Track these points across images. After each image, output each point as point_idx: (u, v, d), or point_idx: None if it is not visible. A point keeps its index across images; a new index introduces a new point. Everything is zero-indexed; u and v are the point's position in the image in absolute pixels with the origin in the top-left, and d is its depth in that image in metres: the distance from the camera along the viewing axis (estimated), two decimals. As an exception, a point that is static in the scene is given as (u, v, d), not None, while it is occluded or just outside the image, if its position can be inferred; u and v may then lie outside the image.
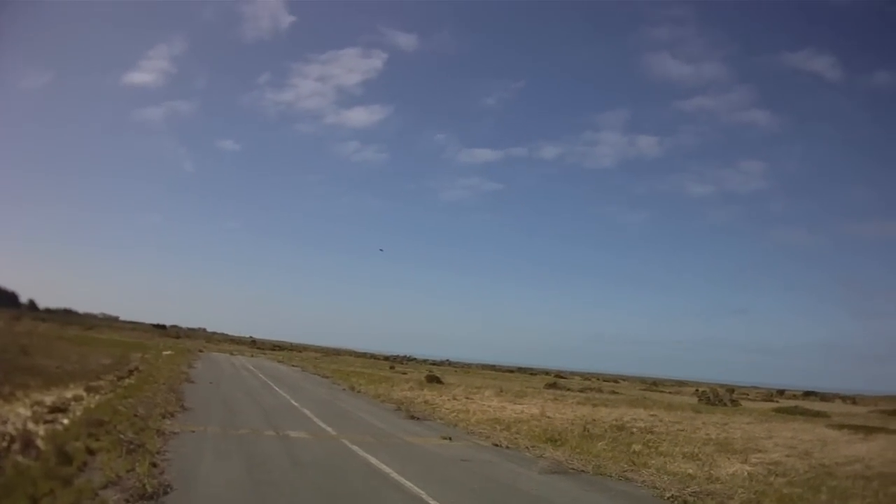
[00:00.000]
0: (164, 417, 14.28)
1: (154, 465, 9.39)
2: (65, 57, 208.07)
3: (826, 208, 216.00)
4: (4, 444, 9.65)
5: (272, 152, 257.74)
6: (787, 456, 16.09)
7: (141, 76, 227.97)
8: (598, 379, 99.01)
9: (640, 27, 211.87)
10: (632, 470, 12.90)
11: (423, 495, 9.24)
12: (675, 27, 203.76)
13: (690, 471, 12.94)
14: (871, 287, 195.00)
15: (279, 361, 62.18)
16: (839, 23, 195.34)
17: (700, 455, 15.40)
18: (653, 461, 14.02)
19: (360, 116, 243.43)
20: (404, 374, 57.03)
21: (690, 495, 10.52)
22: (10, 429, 10.79)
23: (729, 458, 15.09)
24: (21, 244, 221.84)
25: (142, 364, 31.22)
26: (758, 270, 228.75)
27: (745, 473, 13.08)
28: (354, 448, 13.12)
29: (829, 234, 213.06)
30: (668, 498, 10.46)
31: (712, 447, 17.11)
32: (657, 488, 11.21)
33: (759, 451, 16.71)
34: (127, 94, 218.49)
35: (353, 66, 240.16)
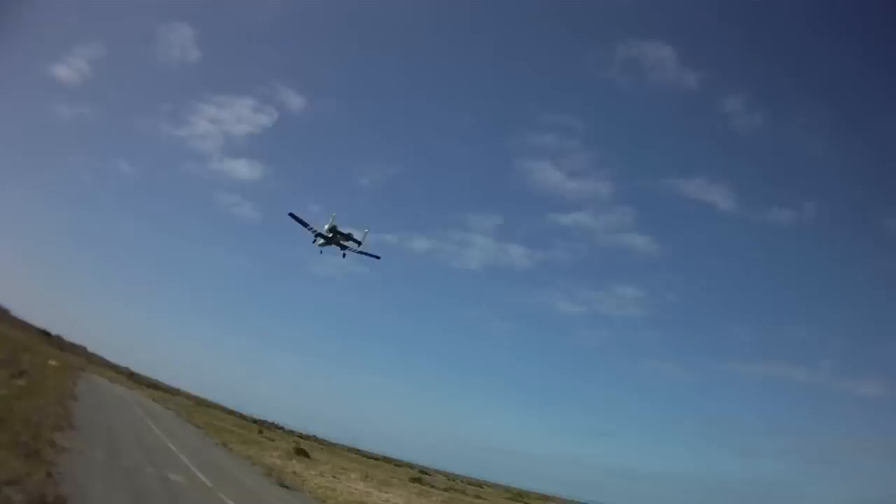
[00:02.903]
0: (55, 430, 14.77)
1: (49, 475, 10.09)
2: None
3: (704, 345, 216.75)
4: None
5: (160, 185, 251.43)
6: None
7: (62, 70, 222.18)
8: (463, 481, 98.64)
9: (527, 131, 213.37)
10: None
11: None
12: (563, 137, 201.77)
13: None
14: (748, 426, 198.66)
15: (154, 400, 61.48)
16: (738, 155, 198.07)
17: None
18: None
19: (243, 169, 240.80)
20: (272, 441, 56.15)
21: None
22: None
23: None
24: None
25: (30, 368, 30.56)
26: (628, 395, 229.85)
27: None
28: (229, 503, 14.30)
29: (705, 373, 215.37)
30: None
31: None
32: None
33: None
34: (46, 86, 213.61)
35: (244, 117, 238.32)
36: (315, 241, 35.19)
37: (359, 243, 34.95)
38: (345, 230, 34.89)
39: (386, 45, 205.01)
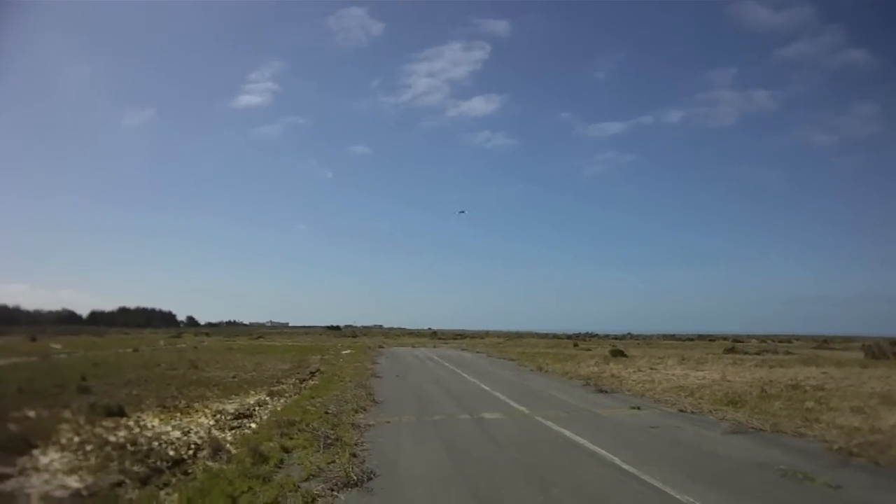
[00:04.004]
0: (356, 412, 15.35)
1: (354, 455, 10.16)
2: (169, 93, 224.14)
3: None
4: (190, 451, 10.22)
5: (403, 151, 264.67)
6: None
7: (249, 98, 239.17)
8: (773, 340, 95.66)
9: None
10: (805, 426, 13.77)
11: (617, 461, 10.44)
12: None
13: (856, 424, 13.57)
14: None
15: (462, 349, 62.01)
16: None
17: (865, 408, 15.78)
18: (824, 416, 14.76)
19: (480, 105, 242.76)
20: (588, 350, 57.01)
21: (855, 447, 11.27)
22: (193, 437, 11.38)
23: (891, 410, 15.28)
24: (171, 268, 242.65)
25: (322, 365, 32.32)
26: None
27: (905, 423, 13.39)
28: (548, 423, 14.40)
29: None
30: (836, 450, 11.33)
31: (876, 400, 17.26)
32: (826, 441, 12.10)
33: (918, 402, 16.59)
34: (240, 117, 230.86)
35: (458, 59, 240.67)
36: None
37: None
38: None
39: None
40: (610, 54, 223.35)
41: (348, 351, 49.94)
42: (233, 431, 12.44)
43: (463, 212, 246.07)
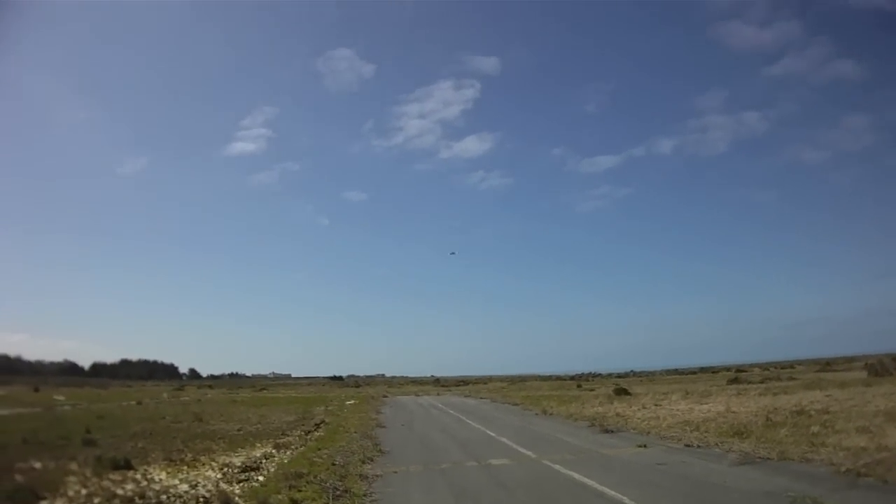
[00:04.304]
0: (363, 462, 15.37)
1: None
2: (163, 141, 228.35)
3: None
4: None
5: (397, 195, 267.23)
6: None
7: (243, 146, 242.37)
8: (776, 367, 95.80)
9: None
10: (811, 451, 13.75)
11: (626, 500, 10.40)
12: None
13: (862, 444, 13.56)
14: None
15: (466, 396, 62.55)
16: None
17: (871, 427, 15.75)
18: (830, 439, 14.74)
19: (473, 145, 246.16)
20: (591, 390, 57.06)
21: (863, 467, 11.26)
22: (201, 491, 11.31)
23: None
24: (172, 320, 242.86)
25: (327, 416, 32.13)
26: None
27: (913, 438, 13.39)
28: (556, 467, 14.28)
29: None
30: (844, 472, 11.30)
31: (881, 418, 17.25)
32: (833, 464, 12.06)
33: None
34: (235, 165, 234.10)
35: (449, 99, 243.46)
36: None
37: None
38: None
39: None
40: (599, 85, 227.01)
41: (352, 401, 49.84)
42: (241, 484, 12.37)
43: (454, 253, 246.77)
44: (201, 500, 10.50)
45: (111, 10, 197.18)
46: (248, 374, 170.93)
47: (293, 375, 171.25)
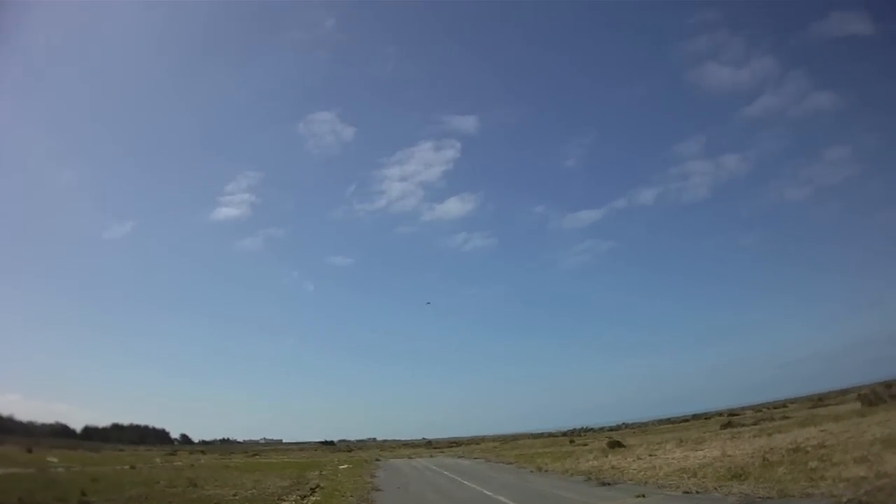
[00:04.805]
0: None
1: None
2: (148, 206, 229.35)
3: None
4: None
5: (381, 259, 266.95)
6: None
7: (227, 211, 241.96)
8: (768, 408, 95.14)
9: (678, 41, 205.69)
10: (811, 486, 13.63)
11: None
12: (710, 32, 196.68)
13: (862, 473, 13.46)
14: None
15: (459, 457, 61.40)
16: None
17: (869, 456, 15.64)
18: (829, 472, 14.58)
19: (455, 206, 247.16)
20: (585, 444, 56.06)
21: (864, 495, 11.16)
22: None
23: (894, 453, 15.24)
24: (162, 385, 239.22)
25: (322, 480, 31.65)
26: (880, 257, 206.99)
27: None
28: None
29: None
30: (845, 503, 11.16)
31: (879, 446, 17.10)
32: (834, 496, 11.93)
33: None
34: (220, 230, 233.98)
35: (430, 160, 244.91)
36: None
37: None
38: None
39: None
40: (578, 139, 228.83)
41: (345, 465, 48.61)
42: None
43: (429, 303, 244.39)
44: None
45: (98, 76, 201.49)
46: (240, 439, 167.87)
47: (284, 441, 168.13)
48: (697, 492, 16.24)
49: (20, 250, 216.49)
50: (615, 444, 44.68)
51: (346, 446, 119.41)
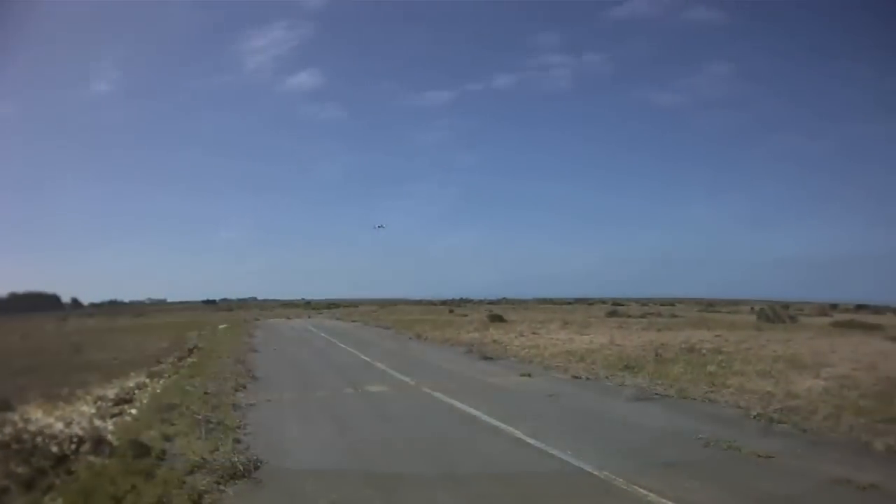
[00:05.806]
0: (235, 391, 14.18)
1: (238, 441, 9.35)
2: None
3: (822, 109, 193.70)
4: (73, 446, 9.38)
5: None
6: (854, 369, 15.60)
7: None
8: (656, 304, 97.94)
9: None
10: (713, 391, 13.08)
11: (519, 434, 9.40)
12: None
13: (768, 388, 12.97)
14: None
15: (337, 319, 61.46)
16: None
17: (773, 372, 15.36)
18: (730, 381, 14.08)
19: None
20: (465, 315, 56.90)
21: (774, 412, 10.60)
22: (76, 429, 10.30)
23: (801, 374, 15.01)
24: (47, 246, 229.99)
25: (200, 341, 31.13)
26: (767, 179, 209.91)
27: (820, 388, 12.94)
28: (437, 395, 13.35)
29: (832, 138, 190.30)
30: (755, 416, 10.55)
31: (783, 364, 16.96)
32: (741, 407, 11.37)
33: (827, 366, 16.31)
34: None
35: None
36: None
37: None
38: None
39: None
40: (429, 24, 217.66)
41: (225, 325, 47.99)
42: (113, 419, 11.39)
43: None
44: (75, 439, 9.52)
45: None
46: (126, 300, 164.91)
47: (168, 300, 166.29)
48: (588, 378, 15.73)
49: None
50: (496, 318, 45.55)
51: (228, 306, 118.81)
